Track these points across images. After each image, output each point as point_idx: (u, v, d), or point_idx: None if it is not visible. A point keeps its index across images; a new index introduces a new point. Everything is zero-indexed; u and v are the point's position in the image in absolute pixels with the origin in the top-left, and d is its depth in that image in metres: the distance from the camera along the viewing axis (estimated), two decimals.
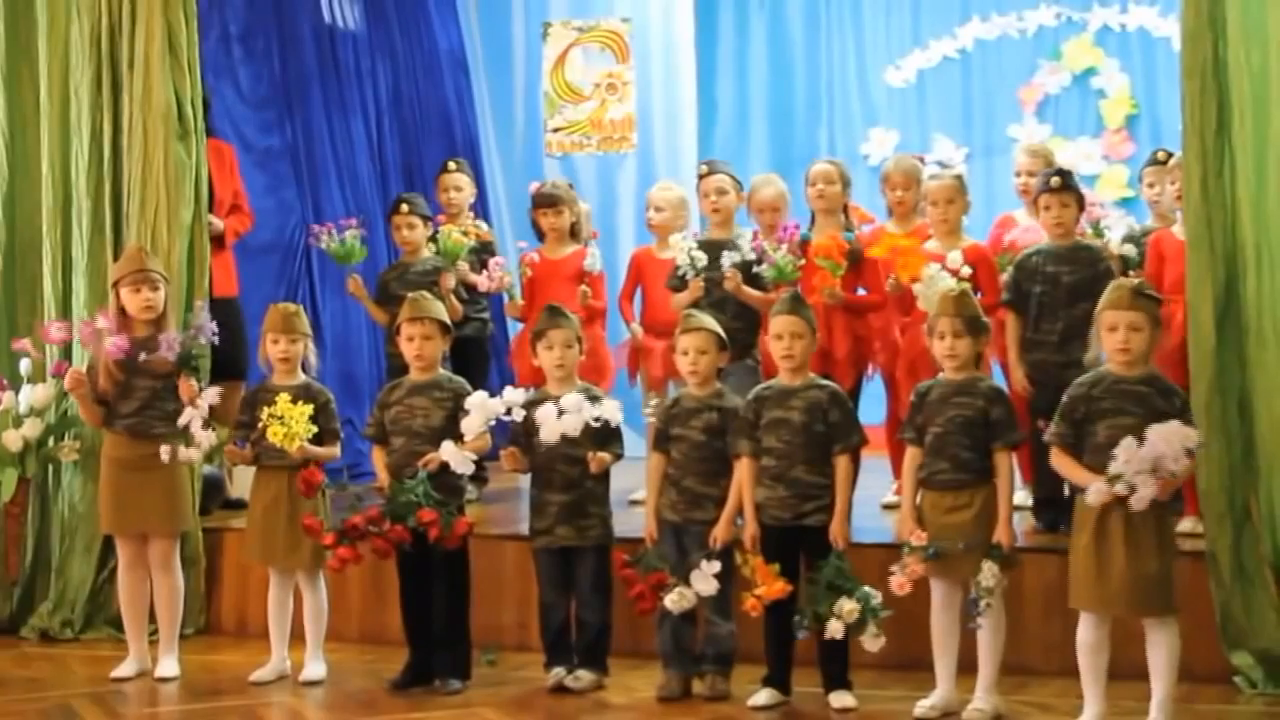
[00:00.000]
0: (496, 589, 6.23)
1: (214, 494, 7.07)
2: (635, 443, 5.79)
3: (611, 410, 5.60)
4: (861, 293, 6.73)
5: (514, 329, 8.00)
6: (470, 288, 7.29)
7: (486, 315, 7.66)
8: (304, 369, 5.93)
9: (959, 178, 6.72)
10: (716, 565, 5.36)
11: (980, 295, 5.88)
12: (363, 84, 8.96)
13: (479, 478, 6.83)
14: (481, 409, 5.59)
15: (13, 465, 6.64)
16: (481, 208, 8.82)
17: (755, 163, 9.46)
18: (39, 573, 6.74)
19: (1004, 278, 6.33)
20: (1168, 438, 4.73)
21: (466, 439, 5.59)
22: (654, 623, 5.57)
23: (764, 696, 5.39)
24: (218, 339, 6.18)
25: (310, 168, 8.59)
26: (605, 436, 5.62)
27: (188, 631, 6.35)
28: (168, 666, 5.97)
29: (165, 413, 5.92)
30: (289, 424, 5.59)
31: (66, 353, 6.64)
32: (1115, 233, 6.63)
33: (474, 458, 5.62)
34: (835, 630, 5.19)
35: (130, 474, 5.95)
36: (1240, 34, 5.44)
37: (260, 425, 5.66)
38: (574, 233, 7.34)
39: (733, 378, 5.94)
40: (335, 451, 5.91)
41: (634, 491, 6.53)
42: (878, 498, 6.65)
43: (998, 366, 6.30)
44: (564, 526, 5.65)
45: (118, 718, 5.51)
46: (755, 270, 6.52)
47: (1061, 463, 5.03)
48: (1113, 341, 4.97)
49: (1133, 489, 4.73)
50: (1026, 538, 5.92)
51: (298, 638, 5.92)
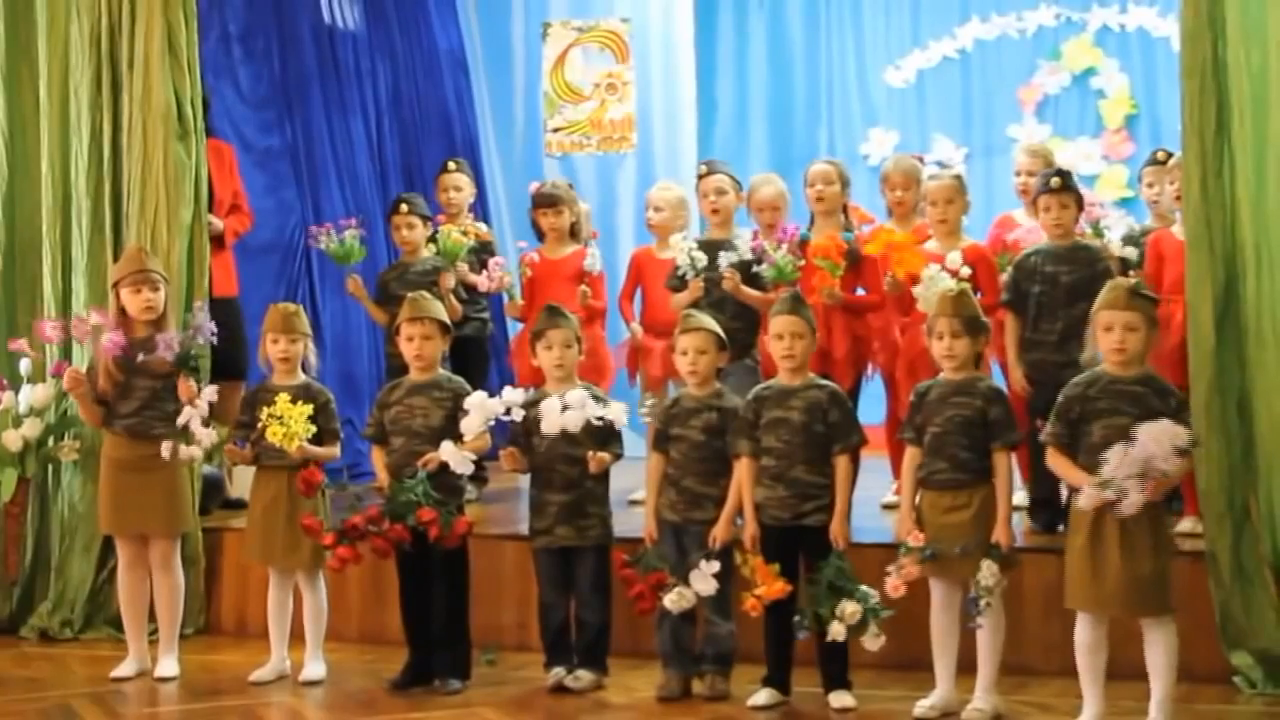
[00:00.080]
0: (496, 589, 6.23)
1: (214, 494, 7.07)
2: (635, 443, 5.78)
3: (617, 413, 5.60)
4: (861, 293, 6.73)
5: (514, 329, 7.99)
6: (470, 288, 7.29)
7: (486, 315, 7.66)
8: (304, 369, 5.94)
9: (958, 178, 6.71)
10: (716, 565, 5.36)
11: (980, 295, 5.88)
12: (362, 84, 8.95)
13: (479, 478, 6.83)
14: (481, 409, 5.59)
15: (12, 465, 6.64)
16: (481, 208, 8.82)
17: (755, 163, 9.45)
18: (39, 572, 6.74)
19: (1003, 278, 6.34)
20: (1157, 437, 4.72)
21: (466, 439, 5.60)
22: (653, 623, 5.57)
23: (763, 696, 5.39)
24: (216, 339, 6.19)
25: (310, 168, 8.59)
26: (605, 436, 5.62)
27: (187, 631, 6.35)
28: (167, 666, 5.97)
29: (165, 413, 5.92)
30: (288, 424, 5.59)
31: (66, 353, 6.64)
32: (1115, 233, 6.63)
33: (473, 458, 5.62)
34: (837, 633, 5.19)
35: (130, 474, 5.95)
36: (1239, 34, 5.44)
37: (260, 425, 5.66)
38: (574, 233, 7.33)
39: (732, 378, 5.93)
40: (335, 452, 5.91)
41: (634, 491, 6.53)
42: (877, 498, 6.65)
43: (997, 367, 6.30)
44: (564, 526, 5.65)
45: (117, 718, 5.51)
46: (755, 270, 6.52)
47: (1057, 463, 5.03)
48: (1108, 341, 4.97)
49: (1123, 494, 4.74)
50: (1026, 538, 5.92)
51: (297, 638, 5.92)
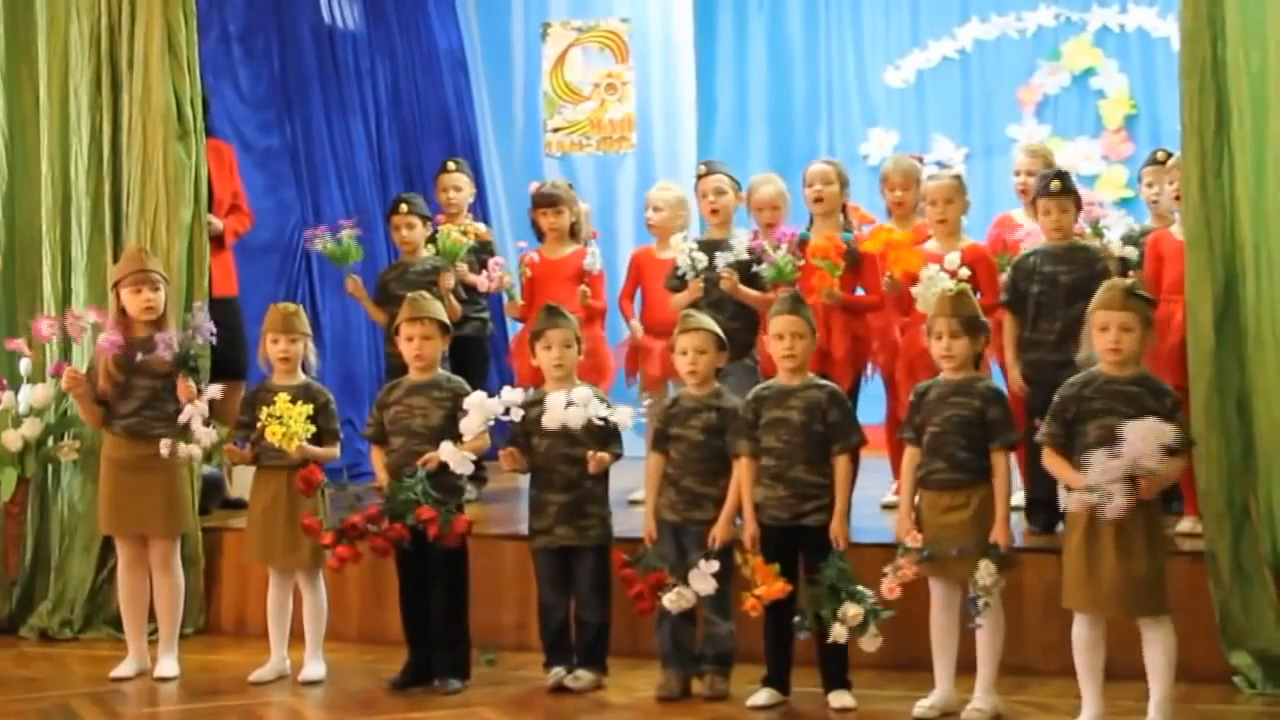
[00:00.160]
0: (496, 589, 6.23)
1: (213, 494, 7.08)
2: (635, 443, 5.78)
3: (623, 417, 5.60)
4: (860, 293, 6.73)
5: (514, 329, 8.00)
6: (470, 288, 7.29)
7: (486, 315, 7.66)
8: (304, 369, 5.94)
9: (958, 178, 6.71)
10: (715, 565, 5.36)
11: (979, 295, 5.87)
12: (362, 84, 8.95)
13: (478, 477, 6.83)
14: (480, 409, 5.60)
15: (12, 465, 6.64)
16: (481, 208, 8.82)
17: (755, 163, 9.45)
18: (38, 572, 6.74)
19: (1003, 278, 6.33)
20: (1144, 435, 4.72)
21: (465, 439, 5.60)
22: (653, 623, 5.57)
23: (763, 696, 5.39)
24: (216, 339, 6.19)
25: (310, 168, 8.59)
26: (605, 436, 5.63)
27: (187, 631, 6.34)
28: (167, 666, 5.97)
29: (164, 413, 5.92)
30: (288, 424, 5.59)
31: (65, 352, 6.64)
32: (1114, 233, 6.63)
33: (473, 458, 5.62)
34: (839, 635, 5.18)
35: (129, 474, 5.95)
36: (1239, 34, 5.44)
37: (259, 425, 5.66)
38: (574, 233, 7.33)
39: (731, 377, 5.93)
40: (334, 452, 5.91)
41: (633, 491, 6.53)
42: (877, 498, 6.64)
43: (997, 367, 6.29)
44: (563, 526, 5.65)
45: (117, 717, 5.51)
46: (754, 270, 6.52)
47: (1052, 463, 5.02)
48: (1104, 341, 4.97)
49: (1107, 498, 4.74)
50: (1025, 538, 5.92)
51: (297, 637, 5.92)
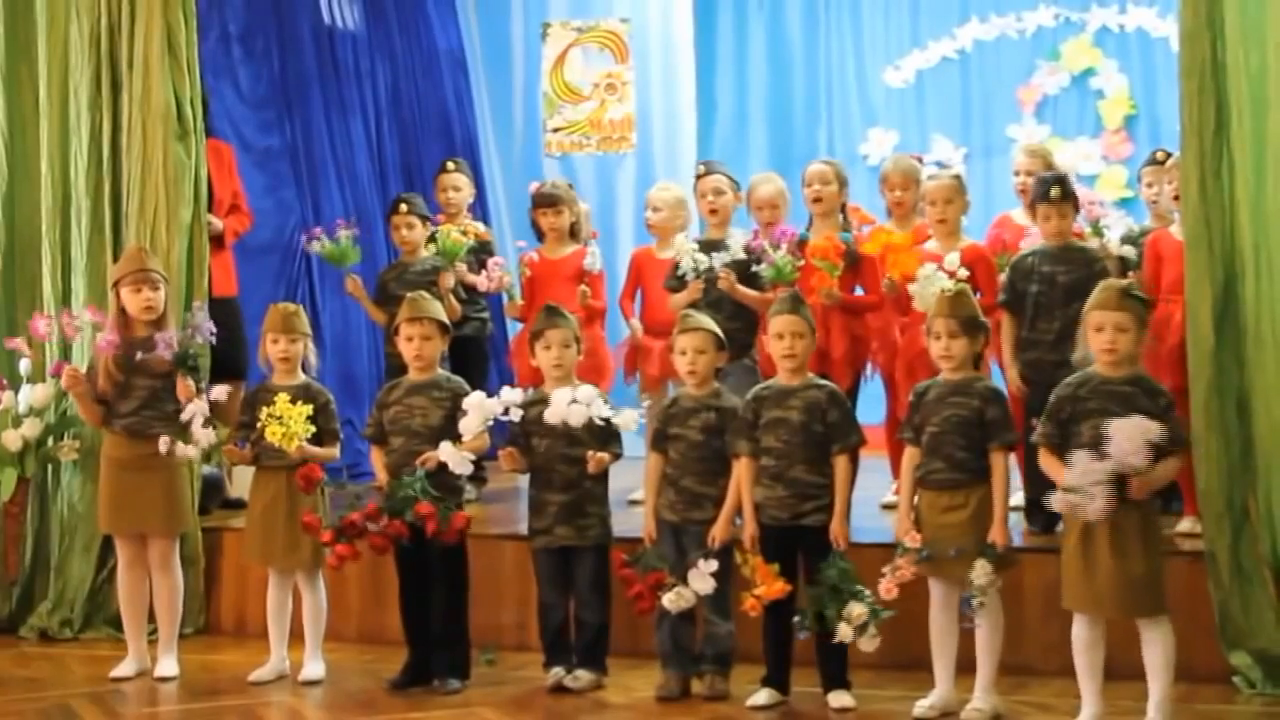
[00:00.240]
0: (495, 589, 6.23)
1: (213, 494, 7.08)
2: (635, 443, 5.78)
3: (627, 420, 5.60)
4: (859, 293, 6.73)
5: (514, 329, 8.00)
6: (469, 288, 7.29)
7: (485, 315, 7.66)
8: (304, 369, 5.94)
9: (957, 178, 6.71)
10: (714, 564, 5.35)
11: (979, 296, 5.87)
12: (362, 84, 8.95)
13: (478, 478, 6.83)
14: (479, 409, 5.60)
15: (12, 465, 6.64)
16: (481, 208, 8.82)
17: (754, 163, 9.44)
18: (38, 572, 6.74)
19: (1002, 278, 6.33)
20: (1129, 434, 4.72)
21: (465, 439, 5.60)
22: (653, 623, 5.57)
23: (763, 696, 5.39)
24: (216, 339, 6.19)
25: (309, 168, 8.59)
26: (605, 436, 5.63)
27: (187, 631, 6.34)
28: (167, 666, 5.97)
29: (164, 413, 5.92)
30: (287, 424, 5.59)
31: (65, 352, 6.64)
32: (1114, 233, 6.63)
33: (472, 458, 5.62)
34: (845, 634, 5.17)
35: (129, 474, 5.95)
36: (1238, 34, 5.44)
37: (259, 425, 5.66)
38: (574, 233, 7.33)
39: (731, 377, 5.93)
40: (334, 452, 5.91)
41: (633, 491, 6.52)
42: (877, 498, 6.64)
43: (997, 367, 6.29)
44: (563, 526, 5.65)
45: (117, 717, 5.51)
46: (754, 270, 6.52)
47: (1048, 463, 5.02)
48: (1099, 341, 4.96)
49: (1089, 499, 4.74)
50: (1025, 538, 5.92)
51: (297, 637, 5.92)
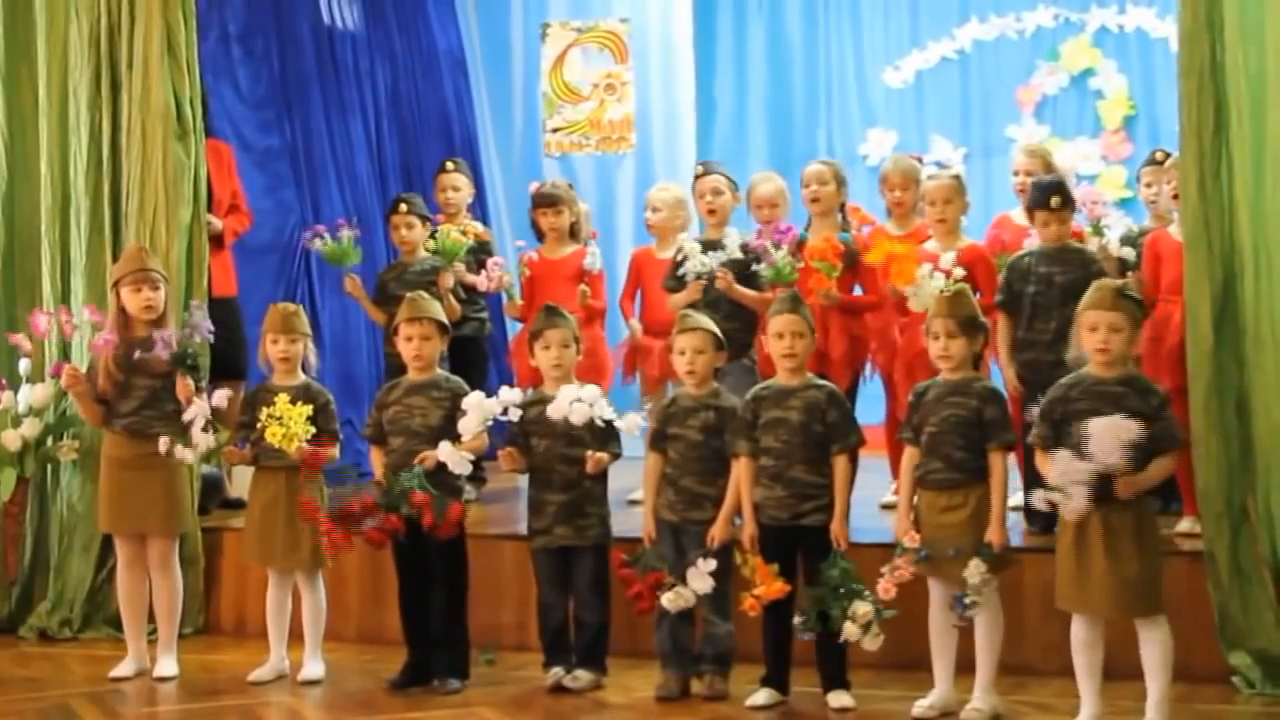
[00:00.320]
0: (495, 589, 6.23)
1: (213, 494, 7.08)
2: (634, 442, 5.78)
3: (630, 424, 5.60)
4: (858, 293, 6.73)
5: (513, 329, 8.00)
6: (468, 288, 7.29)
7: (484, 315, 7.65)
8: (304, 369, 5.94)
9: (957, 178, 6.70)
10: (712, 563, 5.35)
11: (979, 296, 5.87)
12: (361, 84, 8.95)
13: (477, 478, 6.82)
14: (478, 409, 5.60)
15: (11, 465, 6.64)
16: (480, 208, 8.83)
17: (754, 163, 9.44)
18: (37, 572, 6.74)
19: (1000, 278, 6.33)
20: (1104, 433, 4.72)
21: (464, 439, 5.60)
22: (652, 623, 5.58)
23: (762, 696, 5.40)
24: (216, 339, 6.19)
25: (309, 168, 8.59)
26: (605, 436, 5.63)
27: (186, 631, 6.34)
28: (166, 666, 5.97)
29: (164, 412, 5.92)
30: (287, 425, 5.59)
31: (65, 352, 6.64)
32: (1114, 234, 6.62)
33: (471, 458, 5.62)
34: (851, 634, 5.17)
35: (129, 474, 5.95)
36: (1237, 35, 5.44)
37: (259, 425, 5.66)
38: (573, 233, 7.34)
39: (730, 377, 5.93)
40: (334, 452, 5.91)
41: (632, 491, 6.52)
42: (876, 498, 6.64)
43: (997, 367, 6.29)
44: (562, 526, 5.66)
45: (116, 717, 5.51)
46: (754, 269, 6.52)
47: (1043, 464, 5.02)
48: (1093, 341, 4.96)
49: (1068, 498, 4.75)
50: (1025, 538, 5.92)
51: (296, 637, 5.92)
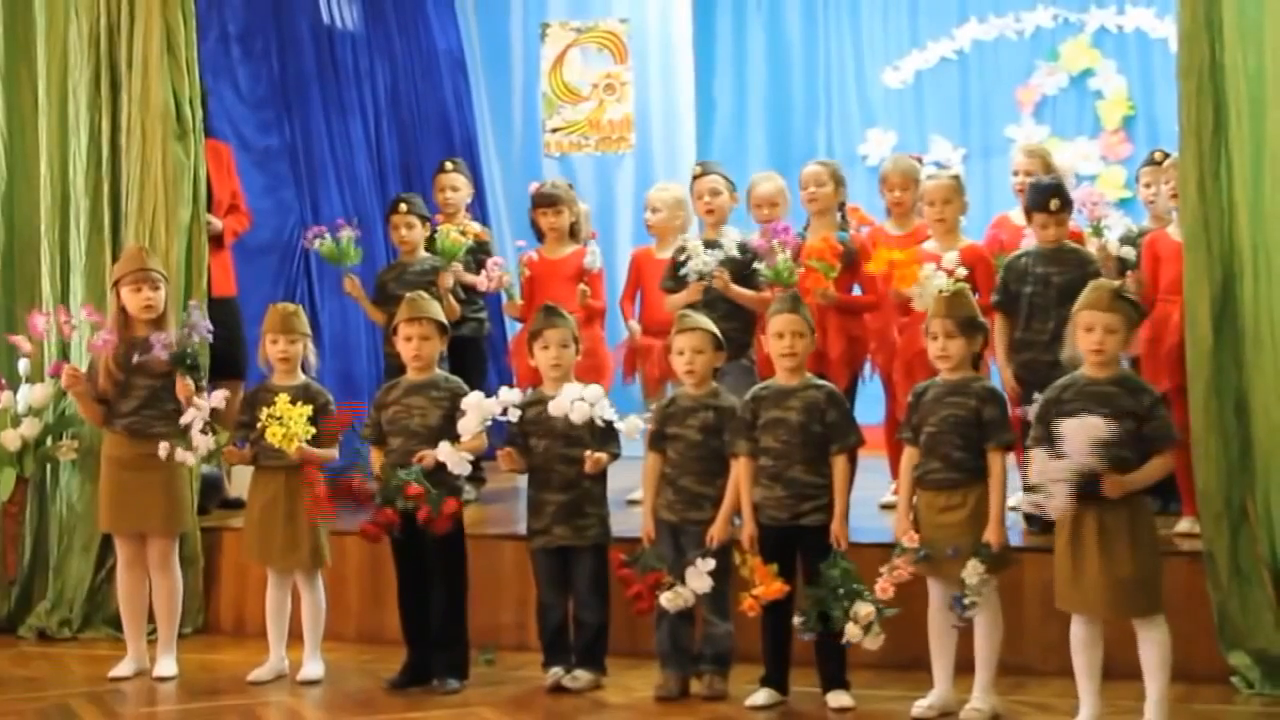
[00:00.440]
0: (494, 589, 6.23)
1: (212, 493, 7.08)
2: (633, 442, 5.79)
3: (630, 427, 5.60)
4: (857, 292, 6.73)
5: (513, 329, 8.00)
6: (467, 288, 7.29)
7: (483, 315, 7.66)
8: (304, 369, 5.94)
9: (956, 178, 6.70)
10: (711, 563, 5.35)
11: (978, 296, 5.86)
12: (361, 84, 8.96)
13: (477, 478, 6.82)
14: (478, 409, 5.60)
15: (11, 464, 6.64)
16: (480, 208, 8.84)
17: (754, 163, 9.45)
18: (37, 572, 6.74)
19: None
20: (1076, 432, 4.72)
21: (463, 439, 5.60)
22: (652, 623, 5.58)
23: (762, 696, 5.40)
24: (215, 339, 6.19)
25: (309, 168, 8.59)
26: (604, 436, 5.63)
27: (186, 631, 6.34)
28: (166, 666, 5.97)
29: (164, 412, 5.92)
30: (288, 425, 5.59)
31: (64, 352, 6.64)
32: (1114, 234, 6.62)
33: (470, 458, 5.62)
34: (853, 634, 5.17)
35: (129, 473, 5.95)
36: (1237, 35, 5.45)
37: (259, 426, 5.66)
38: (573, 233, 7.34)
39: (729, 377, 5.93)
40: (333, 453, 5.90)
41: (631, 491, 6.53)
42: (876, 498, 6.64)
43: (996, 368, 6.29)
44: (561, 526, 5.66)
45: (116, 717, 5.51)
46: (754, 268, 6.52)
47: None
48: (1088, 342, 4.95)
49: (1049, 498, 4.76)
50: (1025, 538, 5.92)
51: (296, 637, 5.92)
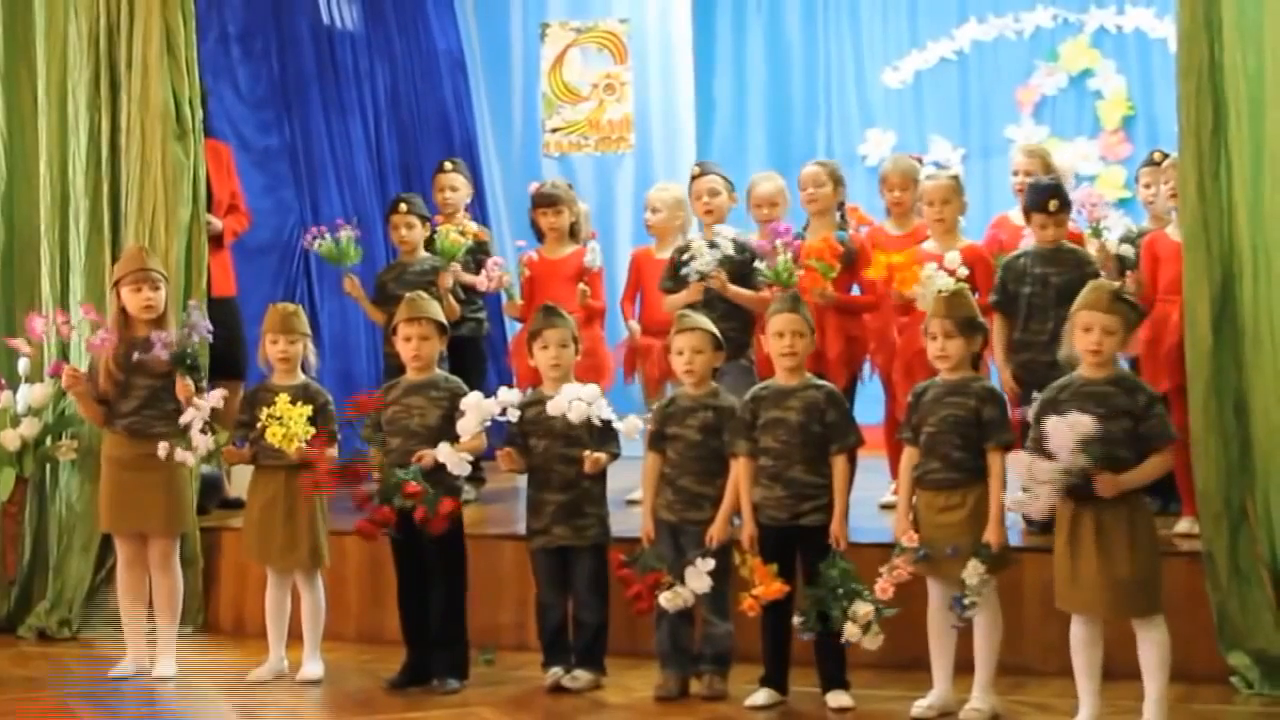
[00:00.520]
0: (494, 589, 6.23)
1: (212, 493, 7.08)
2: (633, 442, 5.79)
3: (629, 427, 5.60)
4: (856, 293, 6.73)
5: (513, 329, 8.00)
6: (467, 288, 7.29)
7: (482, 315, 7.65)
8: (303, 369, 5.94)
9: (955, 178, 6.70)
10: (710, 563, 5.35)
11: (977, 296, 5.86)
12: (361, 84, 8.97)
13: (476, 478, 6.82)
14: (477, 409, 5.60)
15: (10, 464, 6.65)
16: (480, 208, 8.84)
17: (753, 163, 9.45)
18: (37, 572, 6.75)
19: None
20: (1060, 430, 4.72)
21: (462, 439, 5.60)
22: (652, 623, 5.58)
23: (761, 696, 5.40)
24: (215, 339, 6.19)
25: (309, 168, 8.60)
26: (603, 436, 5.63)
27: (186, 631, 6.34)
28: (165, 666, 5.97)
29: (164, 412, 5.92)
30: (288, 425, 5.60)
31: (64, 352, 6.64)
32: (1114, 234, 6.62)
33: (469, 458, 5.62)
34: (852, 634, 5.18)
35: (130, 473, 5.95)
36: (1236, 35, 5.44)
37: (259, 425, 5.67)
38: (573, 233, 7.34)
39: (727, 377, 5.93)
40: (332, 453, 5.89)
41: (631, 491, 6.53)
42: (875, 498, 6.64)
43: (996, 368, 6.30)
44: (561, 526, 5.66)
45: (116, 717, 5.51)
46: (753, 267, 6.52)
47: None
48: (1085, 342, 4.94)
49: (1034, 499, 4.77)
50: (1025, 538, 5.92)
51: (295, 637, 5.92)
